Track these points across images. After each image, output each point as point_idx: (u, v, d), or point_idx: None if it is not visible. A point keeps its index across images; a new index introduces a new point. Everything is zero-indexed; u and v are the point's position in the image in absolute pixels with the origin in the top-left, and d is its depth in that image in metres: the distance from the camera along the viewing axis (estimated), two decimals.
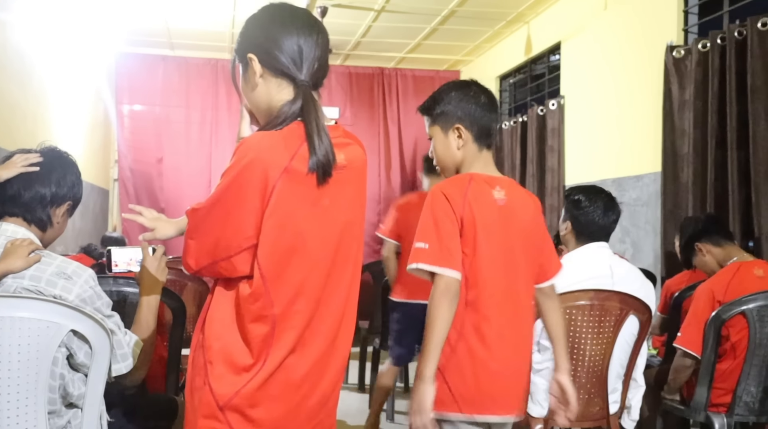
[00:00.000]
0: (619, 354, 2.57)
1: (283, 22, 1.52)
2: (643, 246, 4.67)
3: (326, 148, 1.45)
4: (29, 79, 4.87)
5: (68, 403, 1.84)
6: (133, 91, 7.65)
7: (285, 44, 1.49)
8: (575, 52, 5.71)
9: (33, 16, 4.86)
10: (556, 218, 5.44)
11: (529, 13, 6.19)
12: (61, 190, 1.96)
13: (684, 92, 4.25)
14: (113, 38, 6.97)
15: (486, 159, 1.99)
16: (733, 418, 2.87)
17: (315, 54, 1.52)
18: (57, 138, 5.35)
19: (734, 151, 3.80)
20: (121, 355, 1.88)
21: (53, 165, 1.97)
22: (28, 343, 1.73)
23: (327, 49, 1.56)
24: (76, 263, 1.88)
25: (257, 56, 1.52)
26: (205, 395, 1.47)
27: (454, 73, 8.19)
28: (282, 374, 1.49)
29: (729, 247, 3.17)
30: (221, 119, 7.71)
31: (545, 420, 2.57)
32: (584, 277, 2.53)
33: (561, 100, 5.81)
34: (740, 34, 3.79)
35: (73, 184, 1.99)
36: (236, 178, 1.44)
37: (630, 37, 4.90)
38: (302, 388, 1.52)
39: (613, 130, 5.10)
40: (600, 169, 5.20)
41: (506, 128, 6.80)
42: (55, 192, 1.95)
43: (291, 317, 1.49)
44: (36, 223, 1.94)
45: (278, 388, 1.49)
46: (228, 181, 1.45)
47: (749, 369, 2.83)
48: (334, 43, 6.61)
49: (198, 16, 6.34)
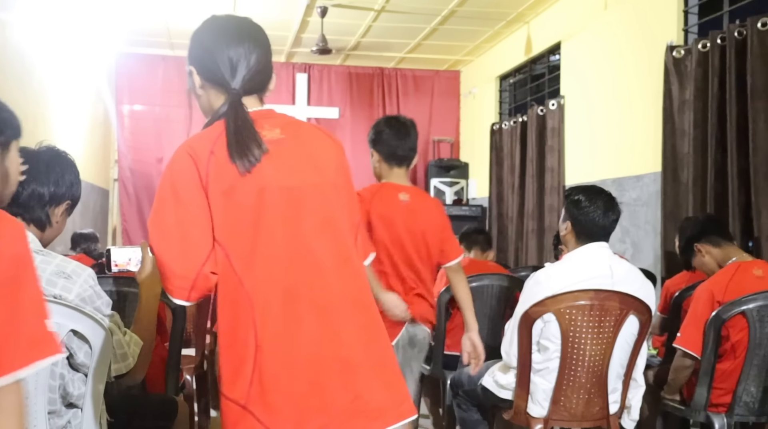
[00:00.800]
0: (619, 354, 2.57)
1: (215, 35, 1.64)
2: (643, 246, 4.67)
3: (241, 131, 1.52)
4: (29, 79, 4.87)
5: (68, 403, 1.84)
6: (133, 91, 7.66)
7: (217, 56, 1.60)
8: (575, 52, 5.71)
9: (33, 16, 4.86)
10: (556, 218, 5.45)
11: (529, 13, 6.20)
12: (60, 190, 1.96)
13: (684, 92, 4.25)
14: (113, 38, 6.97)
15: (398, 173, 2.81)
16: (733, 418, 2.87)
17: (247, 62, 1.61)
18: (57, 138, 5.34)
19: (734, 151, 3.80)
20: (120, 355, 1.87)
21: (51, 164, 1.96)
22: None
23: (264, 54, 1.66)
24: (75, 262, 1.88)
25: (196, 69, 1.63)
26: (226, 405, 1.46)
27: (454, 73, 8.19)
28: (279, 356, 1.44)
29: (728, 247, 3.16)
30: None
31: (545, 420, 2.57)
32: (584, 277, 2.53)
33: (561, 100, 5.81)
34: (740, 34, 3.79)
35: (71, 183, 1.99)
36: (170, 173, 1.51)
37: (630, 37, 4.90)
38: (312, 361, 1.45)
39: (613, 130, 5.10)
40: (600, 169, 5.20)
41: (506, 128, 6.80)
42: (53, 191, 1.95)
43: (266, 298, 1.46)
44: (35, 222, 1.94)
45: (283, 370, 1.44)
46: (163, 179, 1.52)
47: (749, 369, 2.83)
48: (334, 43, 6.61)
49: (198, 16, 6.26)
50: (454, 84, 8.25)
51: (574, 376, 2.53)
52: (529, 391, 2.59)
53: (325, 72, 8.00)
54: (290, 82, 7.87)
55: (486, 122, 7.31)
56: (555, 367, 2.53)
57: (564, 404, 2.56)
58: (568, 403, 2.56)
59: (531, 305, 2.51)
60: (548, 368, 2.55)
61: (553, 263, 2.85)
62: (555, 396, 2.55)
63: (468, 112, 8.04)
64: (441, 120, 8.06)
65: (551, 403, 2.56)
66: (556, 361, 2.53)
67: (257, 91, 1.66)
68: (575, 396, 2.55)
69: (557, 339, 2.51)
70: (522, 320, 2.52)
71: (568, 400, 2.55)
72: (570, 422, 2.59)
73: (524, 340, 2.53)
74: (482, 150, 7.32)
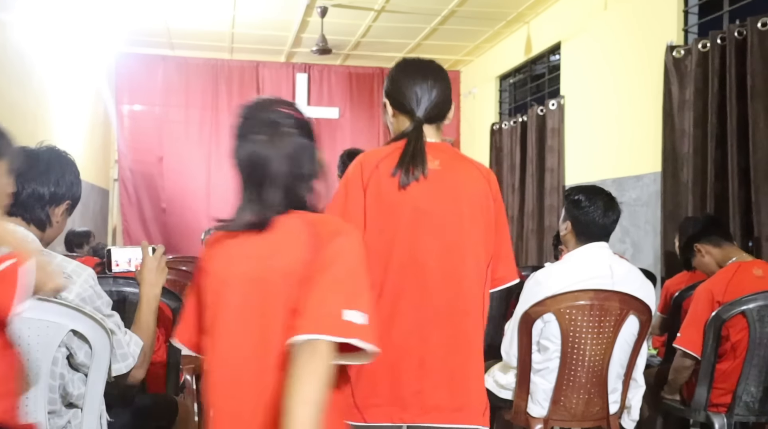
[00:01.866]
0: (619, 354, 2.57)
1: (405, 73, 1.98)
2: (643, 246, 4.67)
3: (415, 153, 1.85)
4: (29, 79, 4.87)
5: (68, 403, 1.84)
6: (133, 91, 7.66)
7: (406, 91, 1.94)
8: (575, 52, 5.71)
9: (33, 16, 4.86)
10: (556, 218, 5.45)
11: (529, 13, 6.20)
12: (60, 190, 1.96)
13: (684, 92, 4.25)
14: (113, 38, 6.97)
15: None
16: (733, 418, 2.87)
17: (429, 96, 1.94)
18: (57, 138, 5.34)
19: (734, 151, 3.79)
20: (120, 354, 1.88)
21: (51, 164, 1.96)
22: (27, 343, 1.73)
23: (444, 89, 1.98)
24: (75, 262, 1.88)
25: (389, 101, 1.99)
26: None
27: (454, 73, 8.19)
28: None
29: (728, 247, 3.16)
30: (221, 119, 7.72)
31: (545, 420, 2.57)
32: (584, 277, 2.53)
33: (561, 100, 5.81)
34: (740, 34, 3.79)
35: (71, 183, 1.99)
36: (346, 173, 1.90)
37: (630, 37, 4.90)
38: (398, 352, 1.81)
39: (613, 130, 5.10)
40: (600, 169, 5.20)
41: (506, 128, 6.80)
42: (53, 191, 1.94)
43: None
44: (35, 222, 1.94)
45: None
46: (343, 176, 1.91)
47: (749, 369, 2.83)
48: (334, 43, 6.61)
49: (198, 16, 6.34)
50: (454, 84, 8.16)
51: (574, 376, 2.53)
52: (529, 391, 2.59)
53: (325, 72, 8.00)
54: (290, 82, 7.87)
55: (486, 122, 7.32)
56: (555, 367, 2.53)
57: (564, 404, 2.56)
58: (568, 403, 2.56)
59: (531, 305, 2.51)
60: (548, 368, 2.55)
61: (553, 263, 2.85)
62: (555, 396, 2.55)
63: (468, 112, 8.04)
64: None
65: (551, 403, 2.56)
66: (556, 361, 2.53)
67: (438, 119, 1.97)
68: (575, 396, 2.55)
69: (557, 339, 2.52)
70: (522, 320, 2.52)
71: (568, 400, 2.55)
72: (570, 422, 2.59)
73: (524, 340, 2.53)
74: (482, 150, 7.32)
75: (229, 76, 7.80)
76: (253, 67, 7.85)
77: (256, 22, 6.49)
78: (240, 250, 1.45)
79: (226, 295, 1.43)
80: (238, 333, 1.41)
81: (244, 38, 7.03)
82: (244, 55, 7.70)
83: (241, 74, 7.83)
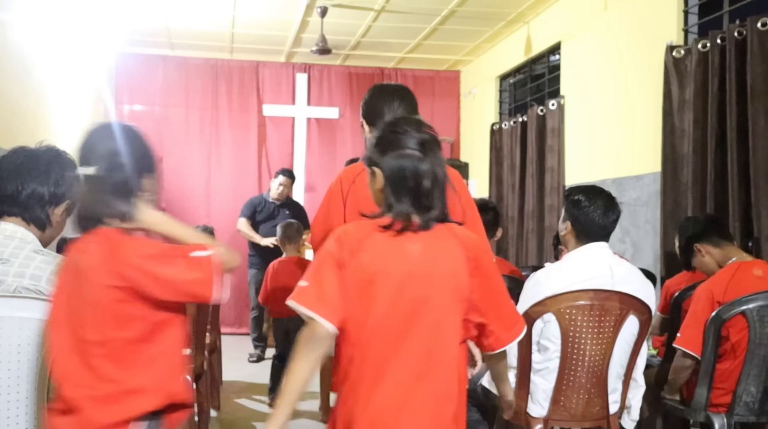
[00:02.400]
0: (619, 354, 2.57)
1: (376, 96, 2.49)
2: (643, 246, 4.67)
3: None
4: (29, 79, 4.87)
5: None
6: (133, 91, 7.65)
7: (377, 109, 2.42)
8: (575, 52, 5.71)
9: (33, 16, 4.86)
10: (556, 218, 5.44)
11: (529, 13, 6.20)
12: (60, 190, 1.96)
13: (684, 92, 4.25)
14: (113, 38, 6.97)
15: None
16: (733, 418, 2.87)
17: (393, 111, 2.37)
18: (57, 138, 5.34)
19: (734, 151, 3.79)
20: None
21: (51, 164, 1.96)
22: (28, 342, 1.73)
23: (408, 105, 2.42)
24: None
25: (365, 120, 2.45)
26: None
27: (454, 73, 8.19)
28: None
29: (728, 247, 3.16)
30: (221, 119, 7.72)
31: (545, 420, 2.57)
32: (584, 277, 2.54)
33: (561, 100, 5.81)
34: (740, 34, 3.79)
35: (71, 183, 1.99)
36: (330, 186, 2.32)
37: (630, 37, 4.90)
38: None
39: (613, 130, 5.10)
40: (600, 169, 5.20)
41: (506, 128, 6.80)
42: (53, 191, 1.95)
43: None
44: (35, 222, 1.94)
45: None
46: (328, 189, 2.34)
47: (749, 369, 2.83)
48: (334, 43, 6.61)
49: (198, 16, 6.34)
50: (454, 84, 8.25)
51: (574, 376, 2.53)
52: (529, 391, 2.59)
53: (325, 72, 7.99)
54: (290, 82, 7.87)
55: (486, 122, 7.32)
56: (555, 367, 2.54)
57: (564, 404, 2.56)
58: (568, 403, 2.56)
59: (531, 305, 2.51)
60: (548, 368, 2.56)
61: (553, 263, 2.85)
62: (555, 396, 2.55)
63: (468, 112, 8.04)
64: (441, 120, 8.05)
65: (551, 403, 2.56)
66: (556, 361, 2.53)
67: None
68: (575, 396, 2.55)
69: (557, 339, 2.52)
70: None
71: (568, 400, 2.55)
72: (570, 422, 2.59)
73: (524, 340, 2.53)
74: (482, 150, 7.32)
75: (229, 76, 7.80)
76: (253, 67, 7.84)
77: (256, 22, 6.49)
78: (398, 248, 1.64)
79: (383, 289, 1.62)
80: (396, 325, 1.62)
81: (244, 38, 7.03)
82: (244, 55, 7.70)
83: (241, 74, 7.82)
